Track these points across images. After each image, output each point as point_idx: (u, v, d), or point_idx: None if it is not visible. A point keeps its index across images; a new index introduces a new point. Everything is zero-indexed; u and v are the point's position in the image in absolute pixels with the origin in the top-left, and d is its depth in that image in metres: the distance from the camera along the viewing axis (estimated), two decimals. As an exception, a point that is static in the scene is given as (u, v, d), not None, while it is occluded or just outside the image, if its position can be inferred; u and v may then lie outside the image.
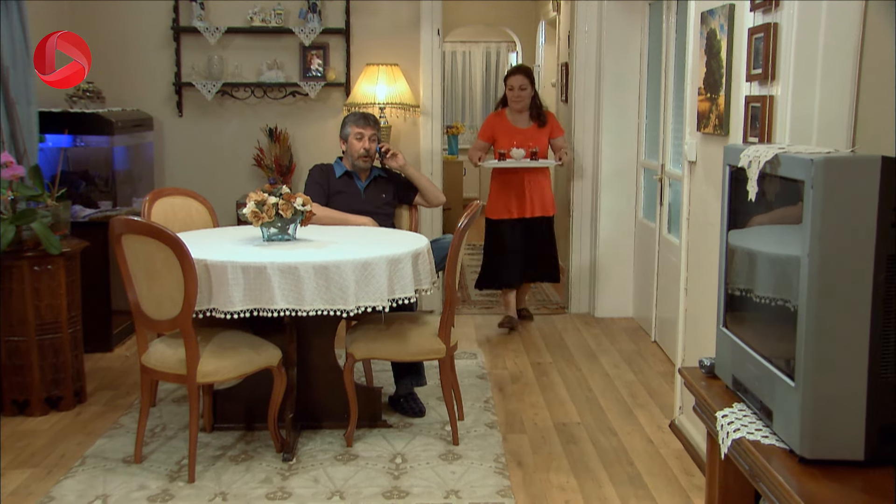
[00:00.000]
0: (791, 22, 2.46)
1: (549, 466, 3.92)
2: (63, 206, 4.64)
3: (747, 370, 2.07)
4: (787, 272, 1.88)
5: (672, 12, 5.55)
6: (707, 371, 2.37)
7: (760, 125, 2.60)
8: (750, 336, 2.11)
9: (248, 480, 3.72)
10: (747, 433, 1.93)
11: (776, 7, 2.52)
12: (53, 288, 4.47)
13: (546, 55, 9.96)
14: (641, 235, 6.33)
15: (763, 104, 2.59)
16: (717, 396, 2.21)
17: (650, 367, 5.40)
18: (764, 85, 2.64)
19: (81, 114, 5.56)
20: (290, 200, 4.03)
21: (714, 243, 3.68)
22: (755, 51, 2.65)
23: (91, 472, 3.80)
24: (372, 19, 6.44)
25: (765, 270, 2.06)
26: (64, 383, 4.55)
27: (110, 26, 6.25)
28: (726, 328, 2.26)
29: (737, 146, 2.19)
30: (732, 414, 2.05)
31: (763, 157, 1.87)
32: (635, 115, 6.38)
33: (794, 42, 2.45)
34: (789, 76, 2.48)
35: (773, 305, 2.00)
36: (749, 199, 1.97)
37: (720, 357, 2.29)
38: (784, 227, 1.94)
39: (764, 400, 1.96)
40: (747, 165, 1.97)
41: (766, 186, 1.94)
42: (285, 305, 3.66)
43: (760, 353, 2.00)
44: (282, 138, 6.40)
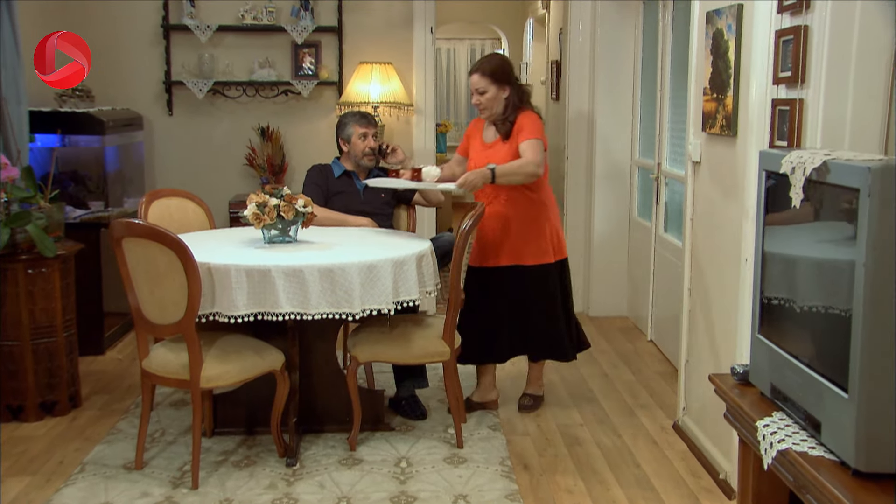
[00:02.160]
0: (823, 24, 2.44)
1: (555, 469, 3.89)
2: (57, 207, 4.57)
3: (789, 379, 2.04)
4: (837, 280, 1.86)
5: (668, 11, 5.54)
6: (740, 378, 2.35)
7: (789, 129, 2.58)
8: (792, 344, 2.07)
9: (253, 486, 3.67)
10: (793, 444, 1.91)
11: (807, 9, 2.50)
12: (48, 291, 4.40)
13: (534, 52, 9.94)
14: (636, 234, 6.32)
15: (792, 107, 2.57)
16: (753, 405, 2.19)
17: (648, 366, 5.39)
18: (793, 88, 2.63)
19: (72, 113, 5.48)
20: (291, 202, 3.98)
21: (721, 244, 3.68)
22: (783, 53, 2.63)
23: (91, 479, 3.73)
24: (365, 17, 6.38)
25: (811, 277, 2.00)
26: (59, 388, 4.48)
27: (99, 24, 6.15)
28: (762, 335, 2.23)
29: (774, 151, 2.16)
30: (774, 423, 2.03)
31: (809, 163, 1.85)
32: (629, 114, 6.37)
33: (827, 45, 2.43)
34: (821, 79, 2.46)
35: (821, 313, 1.96)
36: (793, 206, 1.95)
37: (756, 365, 2.26)
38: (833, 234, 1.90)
39: (810, 410, 1.94)
40: (790, 171, 1.95)
41: (811, 193, 1.92)
42: (290, 309, 3.62)
43: (805, 362, 1.98)
44: (274, 137, 6.34)
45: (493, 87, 4.37)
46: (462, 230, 3.95)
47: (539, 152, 4.27)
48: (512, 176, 4.22)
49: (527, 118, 4.38)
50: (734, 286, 3.54)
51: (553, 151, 7.52)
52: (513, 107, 4.40)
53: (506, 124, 4.40)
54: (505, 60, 4.57)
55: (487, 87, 4.37)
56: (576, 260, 6.59)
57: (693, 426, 4.10)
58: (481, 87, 4.38)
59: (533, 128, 4.33)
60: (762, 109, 3.25)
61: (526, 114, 4.40)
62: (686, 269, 4.19)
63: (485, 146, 4.50)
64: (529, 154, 4.24)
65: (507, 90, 4.40)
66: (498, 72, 4.40)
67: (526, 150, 4.25)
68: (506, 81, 4.41)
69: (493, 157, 4.36)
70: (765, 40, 3.21)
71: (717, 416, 3.76)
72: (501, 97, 4.39)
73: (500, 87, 4.39)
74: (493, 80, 4.38)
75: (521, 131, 4.33)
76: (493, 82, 4.38)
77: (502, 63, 4.49)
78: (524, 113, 4.41)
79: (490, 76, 4.37)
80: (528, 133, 4.30)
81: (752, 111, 3.30)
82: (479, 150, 4.52)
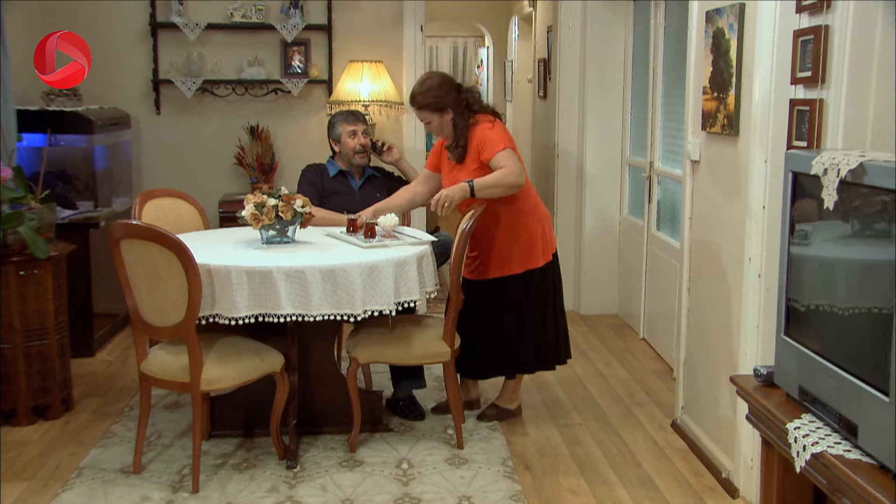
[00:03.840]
0: (845, 24, 2.44)
1: (557, 469, 3.88)
2: (48, 208, 4.50)
3: (820, 381, 2.04)
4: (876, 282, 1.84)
5: (661, 10, 5.54)
6: (763, 380, 2.34)
7: (809, 129, 2.58)
8: (823, 346, 2.06)
9: (255, 490, 3.63)
10: (827, 446, 1.90)
11: (827, 9, 2.50)
12: (40, 293, 4.33)
13: (520, 50, 9.93)
14: (627, 232, 6.33)
15: (812, 108, 2.57)
16: (780, 406, 2.19)
17: (642, 364, 5.40)
18: (812, 88, 2.62)
19: (60, 112, 5.40)
20: (289, 202, 3.95)
21: (722, 243, 3.69)
22: (802, 53, 2.63)
23: (89, 483, 3.68)
24: (354, 15, 6.35)
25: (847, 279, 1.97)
26: (51, 391, 4.42)
27: (85, 22, 6.05)
28: (789, 337, 2.23)
29: (802, 152, 2.16)
30: (805, 426, 2.02)
31: (843, 164, 1.84)
32: (620, 113, 6.37)
33: (849, 44, 2.43)
34: (843, 79, 2.46)
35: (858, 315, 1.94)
36: (825, 208, 1.94)
37: (781, 366, 2.26)
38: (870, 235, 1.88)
39: (844, 412, 1.93)
40: (822, 173, 1.94)
41: (845, 194, 1.91)
42: (292, 311, 3.58)
43: (839, 364, 1.97)
44: (263, 136, 6.28)
45: (436, 116, 4.18)
46: (462, 231, 3.93)
47: (514, 160, 4.06)
48: (492, 189, 4.01)
49: (484, 132, 4.12)
50: (737, 285, 3.55)
51: (542, 149, 7.54)
52: (461, 128, 4.16)
53: (457, 150, 4.19)
54: (438, 83, 4.23)
55: (429, 117, 4.19)
56: (566, 258, 6.58)
57: (693, 425, 4.10)
58: (424, 118, 4.22)
59: (496, 139, 4.09)
60: (766, 109, 3.26)
61: (481, 127, 4.15)
62: (685, 268, 4.19)
63: (451, 165, 4.29)
64: (506, 165, 4.02)
65: (450, 113, 4.16)
66: (432, 102, 4.15)
67: (500, 161, 4.03)
68: (445, 106, 4.15)
69: (458, 178, 4.13)
70: (769, 39, 3.22)
71: (718, 414, 3.78)
72: (448, 120, 4.17)
73: (441, 114, 4.17)
74: (432, 111, 4.17)
75: (483, 148, 4.09)
76: (432, 112, 4.17)
77: (436, 88, 4.18)
78: (478, 127, 4.15)
79: (427, 108, 4.17)
80: (493, 145, 4.07)
81: (757, 110, 3.31)
82: (448, 172, 4.31)
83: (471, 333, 4.24)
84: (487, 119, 4.20)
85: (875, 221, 1.85)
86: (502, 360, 4.34)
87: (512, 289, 4.23)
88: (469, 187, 3.98)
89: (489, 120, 4.19)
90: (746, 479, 3.51)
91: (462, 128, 4.17)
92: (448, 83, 4.25)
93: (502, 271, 4.23)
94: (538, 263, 4.25)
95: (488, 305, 4.25)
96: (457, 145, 4.19)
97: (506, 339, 4.28)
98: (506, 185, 4.04)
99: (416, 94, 4.22)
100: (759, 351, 3.41)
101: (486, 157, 4.08)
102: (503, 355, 4.32)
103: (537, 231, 4.25)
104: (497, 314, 4.26)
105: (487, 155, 4.07)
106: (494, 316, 4.26)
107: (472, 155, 4.15)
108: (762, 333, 3.40)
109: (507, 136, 4.17)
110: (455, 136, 4.18)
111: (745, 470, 3.51)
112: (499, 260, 4.22)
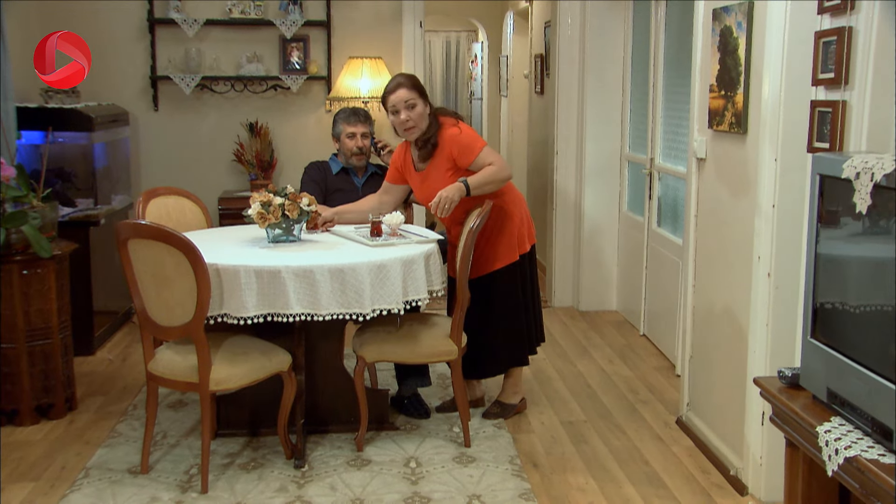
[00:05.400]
0: (869, 26, 2.44)
1: (564, 467, 3.89)
2: (50, 206, 4.47)
3: (851, 384, 2.04)
4: None
5: (662, 6, 5.54)
6: (788, 382, 2.34)
7: (831, 131, 2.58)
8: (855, 349, 2.06)
9: (263, 489, 3.62)
10: (861, 450, 1.90)
11: (851, 10, 2.50)
12: (44, 292, 4.31)
13: (515, 46, 9.92)
14: (626, 229, 6.34)
15: (835, 109, 2.57)
16: (807, 409, 2.19)
17: (644, 361, 5.41)
18: (835, 90, 2.62)
19: (60, 109, 5.37)
20: (296, 201, 3.93)
21: (729, 241, 3.70)
22: (825, 55, 2.63)
23: (97, 484, 3.66)
24: (353, 12, 6.33)
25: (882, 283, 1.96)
26: (54, 391, 4.39)
27: (83, 19, 6.01)
28: (815, 339, 2.23)
29: (831, 155, 2.16)
30: (836, 430, 2.03)
31: (878, 169, 1.84)
32: (619, 109, 6.37)
33: (874, 46, 2.43)
34: (866, 81, 2.46)
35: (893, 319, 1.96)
36: (857, 212, 1.94)
37: (808, 368, 2.26)
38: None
39: (878, 416, 1.93)
40: (854, 177, 1.94)
41: (878, 198, 1.90)
42: (301, 310, 3.57)
43: (873, 368, 1.97)
44: (262, 133, 6.26)
45: (421, 101, 4.09)
46: (471, 229, 3.93)
47: (497, 154, 4.10)
48: (487, 186, 4.02)
49: (455, 137, 4.07)
50: (744, 283, 3.55)
51: (539, 145, 7.55)
52: (433, 122, 4.11)
53: (427, 146, 4.11)
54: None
55: (417, 100, 4.07)
56: (565, 254, 6.61)
57: (698, 422, 4.11)
58: (412, 100, 4.05)
59: (471, 141, 4.08)
60: (777, 107, 3.27)
61: (450, 132, 4.09)
62: (690, 266, 4.20)
63: (422, 176, 4.20)
64: (494, 161, 4.04)
65: (428, 106, 4.13)
66: (419, 84, 4.15)
67: (485, 159, 4.04)
68: (425, 94, 4.15)
69: (435, 188, 4.05)
70: (780, 38, 3.22)
71: (725, 412, 3.79)
72: (426, 112, 4.10)
73: (424, 101, 4.10)
74: (420, 94, 4.10)
75: (460, 154, 4.05)
76: (420, 95, 4.09)
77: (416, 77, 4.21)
78: (447, 131, 4.10)
79: (416, 89, 4.09)
80: (471, 149, 4.05)
81: (767, 109, 3.31)
82: (417, 179, 4.22)
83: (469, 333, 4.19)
84: (450, 122, 4.15)
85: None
86: (504, 355, 4.35)
87: (507, 280, 4.24)
88: (465, 187, 3.98)
89: (452, 123, 4.15)
90: (755, 477, 3.52)
91: (433, 124, 4.12)
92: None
93: (496, 265, 4.22)
94: (525, 249, 4.28)
95: (486, 302, 4.24)
96: (427, 142, 4.12)
97: (505, 333, 4.29)
98: (499, 179, 4.08)
99: (402, 78, 4.16)
100: (768, 349, 3.42)
101: (466, 161, 4.06)
102: (503, 351, 4.33)
103: (519, 217, 4.26)
104: (493, 309, 4.25)
105: (468, 159, 4.05)
106: (491, 312, 4.25)
107: (444, 159, 4.10)
108: (772, 332, 3.41)
109: (476, 134, 4.19)
110: (427, 131, 4.11)
111: (755, 467, 3.52)
112: (492, 255, 4.22)
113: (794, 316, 3.07)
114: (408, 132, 4.12)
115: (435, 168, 4.14)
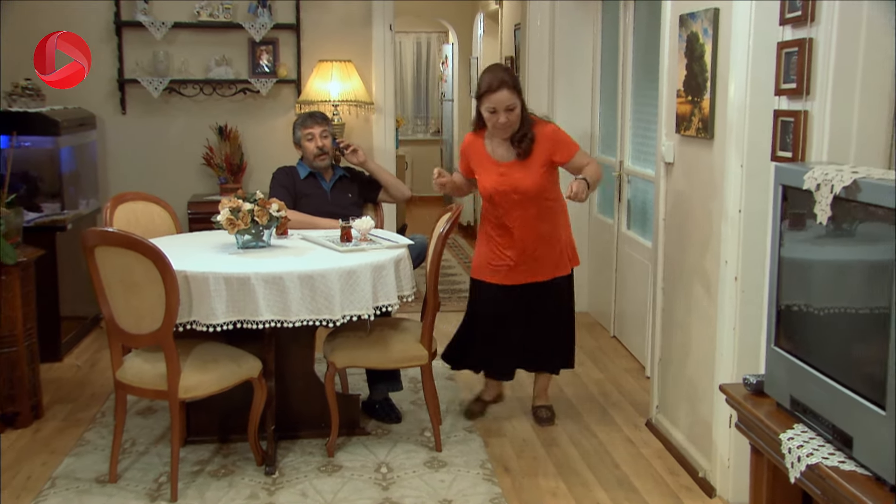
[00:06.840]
0: (829, 37, 2.47)
1: (535, 471, 3.91)
2: (15, 212, 4.42)
3: (812, 392, 2.07)
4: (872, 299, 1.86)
5: (630, 10, 5.58)
6: (753, 389, 2.37)
7: (794, 140, 2.61)
8: (817, 358, 2.09)
9: (234, 497, 3.61)
10: (822, 458, 1.93)
11: (812, 22, 2.53)
12: (9, 299, 4.25)
13: (485, 47, 9.94)
14: (596, 231, 6.37)
15: (797, 119, 2.61)
16: (771, 416, 2.22)
17: (614, 363, 5.44)
18: (797, 100, 2.66)
19: (24, 113, 5.31)
20: (265, 206, 3.92)
21: (696, 244, 3.73)
22: (787, 65, 2.67)
23: (64, 494, 3.63)
24: (323, 15, 6.31)
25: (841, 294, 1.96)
26: (20, 399, 4.34)
27: (48, 20, 5.93)
28: (779, 347, 2.26)
29: (793, 167, 2.19)
30: (798, 437, 2.06)
31: (837, 181, 1.87)
32: (588, 111, 6.40)
33: (833, 57, 2.46)
34: (827, 92, 2.50)
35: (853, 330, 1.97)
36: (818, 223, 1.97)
37: (772, 376, 2.29)
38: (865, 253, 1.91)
39: (838, 424, 1.96)
40: (815, 188, 1.97)
41: (838, 209, 1.93)
42: (271, 317, 3.56)
43: (833, 376, 2.00)
44: (232, 136, 6.23)
45: (520, 103, 3.98)
46: (440, 234, 3.93)
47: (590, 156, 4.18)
48: (596, 184, 4.04)
49: (557, 132, 4.08)
50: (712, 287, 3.59)
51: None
52: (527, 121, 4.03)
53: (524, 141, 4.01)
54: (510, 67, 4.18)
55: (516, 102, 3.94)
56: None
57: (667, 424, 4.15)
58: (512, 103, 3.93)
59: (569, 138, 4.13)
60: (742, 114, 3.30)
61: (551, 127, 4.10)
62: (658, 268, 4.23)
63: (499, 165, 4.09)
64: (592, 161, 4.10)
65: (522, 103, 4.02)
66: (518, 82, 4.01)
67: (582, 158, 4.07)
68: (521, 92, 4.03)
69: (521, 179, 4.02)
70: (745, 46, 3.26)
71: (693, 415, 3.82)
72: (520, 112, 4.00)
73: (522, 101, 4.00)
74: (519, 94, 3.97)
75: (558, 148, 4.03)
76: (518, 96, 3.97)
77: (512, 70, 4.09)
78: (547, 126, 4.10)
79: (516, 89, 3.95)
80: (570, 145, 4.08)
81: (732, 115, 3.35)
82: (494, 170, 4.10)
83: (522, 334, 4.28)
84: (536, 117, 4.14)
85: (869, 237, 1.88)
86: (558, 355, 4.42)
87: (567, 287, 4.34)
88: (587, 183, 3.90)
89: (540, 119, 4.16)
90: (723, 479, 3.56)
91: (526, 120, 4.05)
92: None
93: (559, 271, 4.27)
94: (577, 261, 4.38)
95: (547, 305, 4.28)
96: (524, 137, 4.02)
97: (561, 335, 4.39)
98: (601, 179, 4.16)
99: (503, 74, 3.97)
100: (735, 353, 3.46)
101: (566, 157, 4.06)
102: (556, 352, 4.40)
103: (570, 231, 4.38)
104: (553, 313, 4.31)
105: (568, 154, 4.05)
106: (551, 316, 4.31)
107: (540, 153, 4.03)
108: (739, 335, 3.45)
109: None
110: (522, 128, 4.03)
111: (722, 470, 3.56)
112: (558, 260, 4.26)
113: (761, 319, 3.10)
114: (499, 131, 4.05)
115: (528, 162, 4.05)
